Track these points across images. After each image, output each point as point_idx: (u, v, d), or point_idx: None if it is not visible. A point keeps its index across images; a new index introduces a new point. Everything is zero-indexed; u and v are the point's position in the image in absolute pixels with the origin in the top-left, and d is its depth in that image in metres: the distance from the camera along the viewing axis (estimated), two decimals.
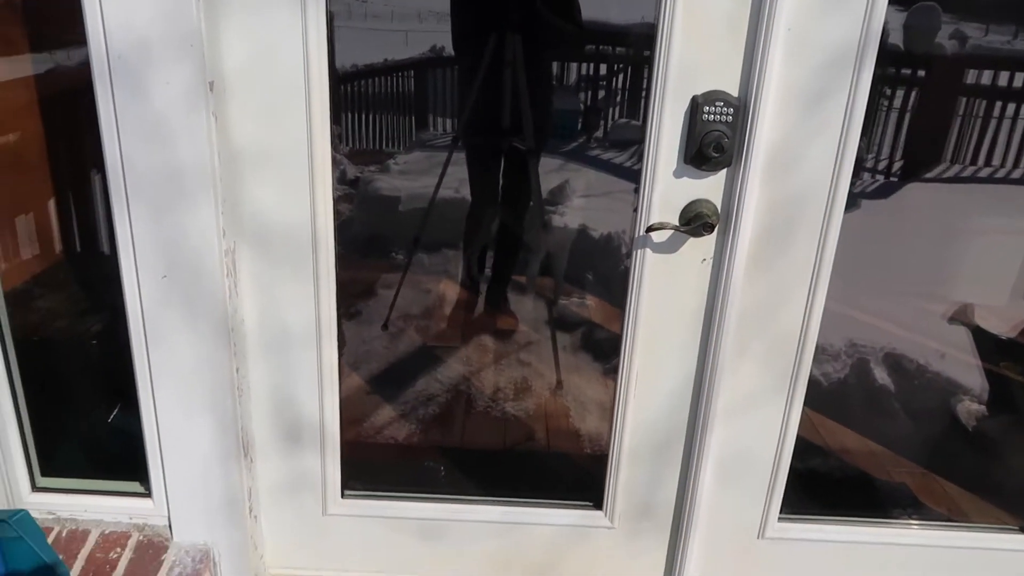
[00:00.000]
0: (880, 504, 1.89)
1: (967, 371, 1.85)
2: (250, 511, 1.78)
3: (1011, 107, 1.64)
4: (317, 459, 1.79)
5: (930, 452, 1.91)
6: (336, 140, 1.49)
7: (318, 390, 1.72)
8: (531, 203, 1.91)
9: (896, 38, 1.51)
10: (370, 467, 1.95)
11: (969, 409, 1.87)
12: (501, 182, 2.00)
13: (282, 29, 1.43)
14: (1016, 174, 1.68)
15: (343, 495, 1.85)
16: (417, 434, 2.00)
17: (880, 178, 1.69)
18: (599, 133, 1.77)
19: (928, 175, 1.70)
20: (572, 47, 1.79)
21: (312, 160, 1.52)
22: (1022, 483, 1.87)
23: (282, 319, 1.66)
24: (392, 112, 1.88)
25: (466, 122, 1.94)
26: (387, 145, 1.90)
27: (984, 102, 1.65)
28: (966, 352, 1.82)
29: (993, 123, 1.67)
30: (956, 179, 1.69)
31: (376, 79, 1.86)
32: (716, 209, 1.56)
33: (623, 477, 1.82)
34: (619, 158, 1.73)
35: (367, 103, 1.83)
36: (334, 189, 1.54)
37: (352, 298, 1.71)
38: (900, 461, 1.91)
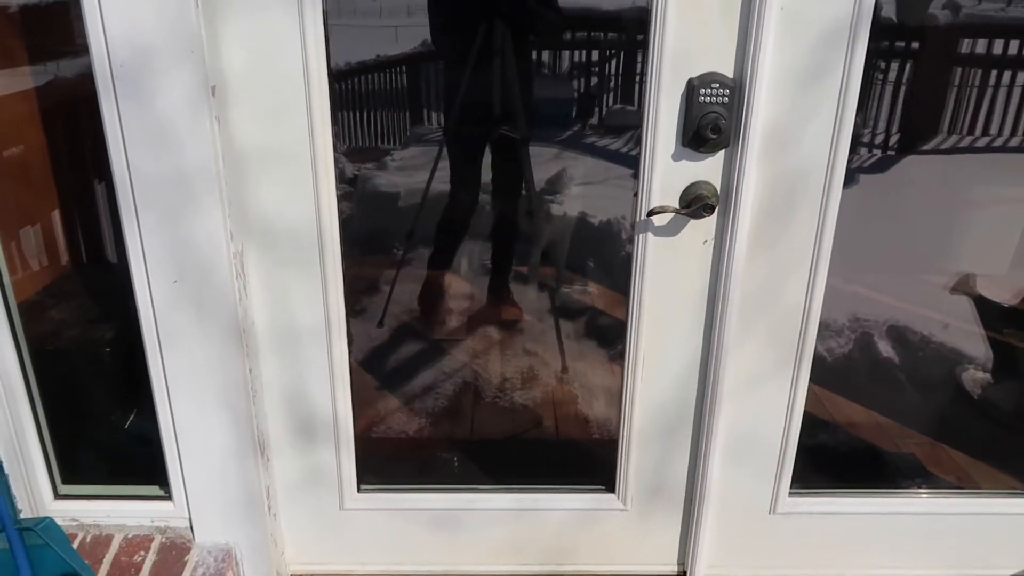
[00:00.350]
0: (889, 475, 1.91)
1: (971, 340, 1.86)
2: (269, 509, 1.81)
3: (1007, 75, 1.65)
4: (332, 455, 1.81)
5: (937, 422, 1.92)
6: (333, 139, 1.50)
7: (330, 386, 1.74)
8: (523, 192, 1.93)
9: (889, 11, 1.52)
10: (383, 461, 1.97)
11: (974, 377, 1.89)
12: (493, 174, 2.00)
13: (280, 30, 1.44)
14: (1014, 142, 1.69)
15: (359, 489, 1.87)
16: (427, 427, 2.02)
17: (878, 152, 1.70)
18: (594, 120, 1.78)
19: (926, 147, 1.71)
20: (553, 33, 1.79)
21: (315, 158, 1.53)
22: (1020, 447, 1.90)
23: (292, 318, 1.68)
24: (387, 108, 1.89)
25: (451, 114, 1.94)
26: (383, 142, 1.91)
27: (979, 71, 1.66)
28: (969, 322, 1.83)
29: (989, 92, 1.68)
30: (954, 150, 1.69)
31: (369, 76, 1.86)
32: (716, 190, 1.58)
33: (634, 460, 1.84)
34: (615, 144, 1.74)
35: (361, 100, 1.83)
36: (336, 187, 1.56)
37: (356, 295, 1.72)
38: (907, 432, 1.93)
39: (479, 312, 1.98)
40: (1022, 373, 1.89)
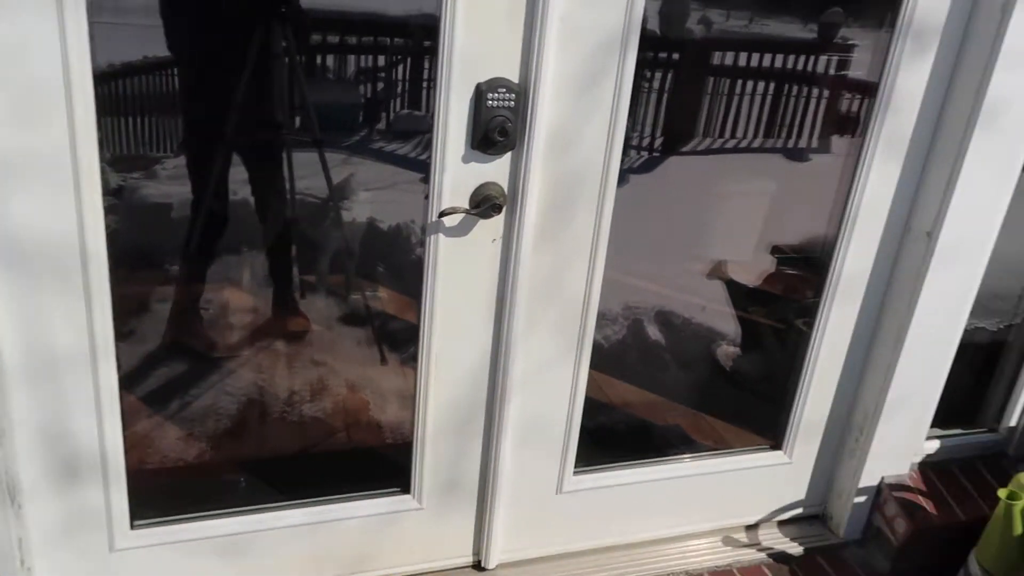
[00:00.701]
0: (659, 446, 2.10)
1: (724, 320, 2.09)
2: (22, 563, 1.59)
3: (750, 85, 1.89)
4: (100, 492, 1.63)
5: (697, 394, 2.15)
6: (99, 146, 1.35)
7: (96, 417, 1.56)
8: (289, 198, 1.84)
9: (654, 24, 1.67)
10: (162, 492, 1.81)
11: (727, 352, 2.14)
12: (256, 182, 1.88)
13: (35, 25, 1.26)
14: (755, 144, 1.94)
15: (132, 526, 1.70)
16: (210, 450, 1.88)
17: (644, 154, 1.85)
18: (381, 125, 1.75)
19: (685, 149, 1.89)
20: (301, 35, 1.72)
21: (77, 166, 1.35)
22: (770, 408, 2.19)
23: (51, 344, 1.47)
24: (156, 113, 1.70)
25: (193, 122, 1.79)
26: (153, 149, 1.71)
27: (728, 80, 1.88)
28: (722, 303, 2.06)
29: (736, 100, 1.90)
30: (708, 151, 1.89)
31: (136, 78, 1.65)
32: (503, 190, 1.63)
33: (428, 458, 1.85)
34: (403, 149, 1.72)
35: (127, 105, 1.63)
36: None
37: (125, 316, 1.54)
38: (674, 406, 2.13)
39: (263, 325, 1.86)
40: (764, 345, 2.18)
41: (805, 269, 2.05)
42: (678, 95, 1.82)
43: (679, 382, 2.14)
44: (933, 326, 2.02)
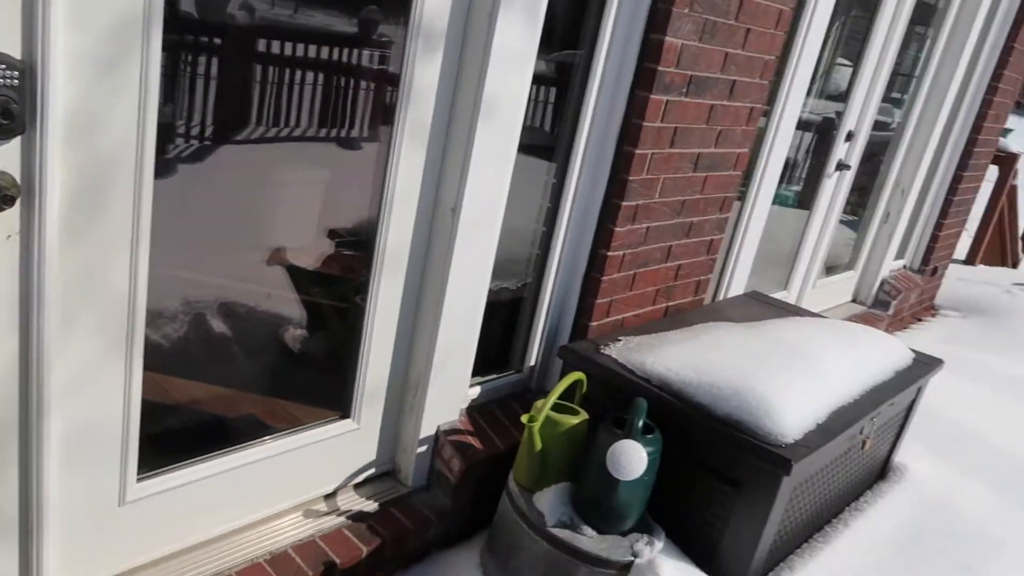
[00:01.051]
0: (236, 438, 2.07)
1: (289, 304, 2.12)
2: None
3: (299, 74, 1.91)
4: None
5: (269, 380, 2.15)
6: None
7: None
8: None
9: (190, 7, 1.60)
10: None
11: (294, 335, 2.17)
12: None
13: None
14: (310, 133, 1.98)
15: None
16: None
17: (195, 143, 1.77)
18: None
19: (238, 137, 1.85)
20: None
21: None
22: (339, 382, 2.30)
23: None
24: None
25: None
26: None
27: (278, 70, 1.88)
28: (286, 289, 2.08)
29: (288, 89, 1.91)
30: (262, 139, 1.88)
31: None
32: (15, 180, 1.46)
33: None
34: None
35: None
36: None
37: None
38: (247, 396, 2.11)
39: None
40: (328, 324, 2.27)
41: (358, 249, 2.19)
42: (228, 82, 1.78)
43: (249, 371, 2.12)
44: (465, 289, 2.32)
